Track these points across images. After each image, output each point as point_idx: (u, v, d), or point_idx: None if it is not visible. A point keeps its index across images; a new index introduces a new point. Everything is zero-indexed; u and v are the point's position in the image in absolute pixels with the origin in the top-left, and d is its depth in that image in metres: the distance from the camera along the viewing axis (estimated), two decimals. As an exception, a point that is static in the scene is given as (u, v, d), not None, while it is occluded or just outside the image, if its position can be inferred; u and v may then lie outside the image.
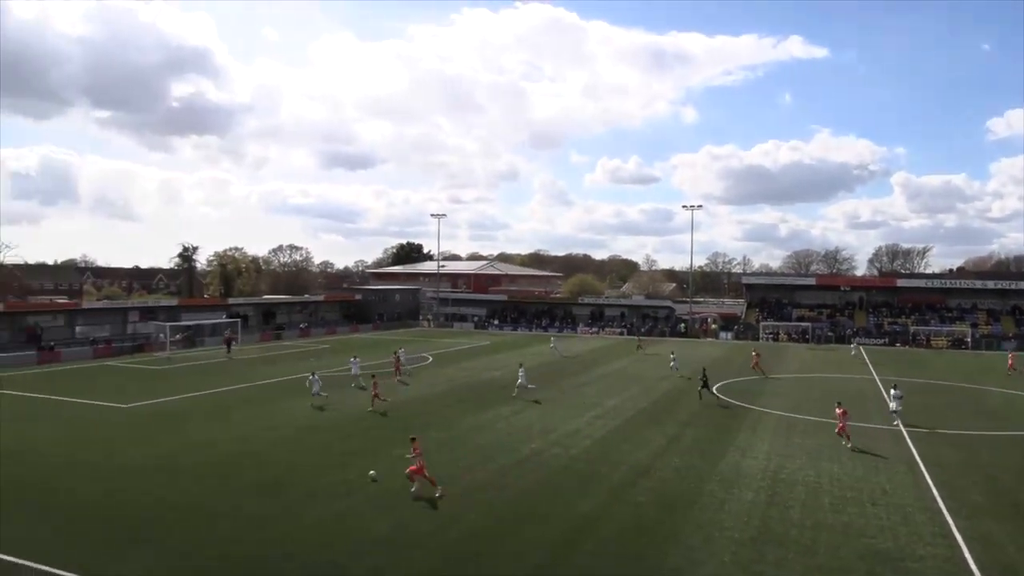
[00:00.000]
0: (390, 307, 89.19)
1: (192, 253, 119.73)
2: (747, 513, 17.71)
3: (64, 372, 44.26)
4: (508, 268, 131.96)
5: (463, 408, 31.84)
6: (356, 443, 24.94)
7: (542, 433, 26.71)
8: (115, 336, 57.88)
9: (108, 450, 23.76)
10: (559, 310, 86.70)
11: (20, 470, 21.36)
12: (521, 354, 55.64)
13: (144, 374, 43.47)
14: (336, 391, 36.00)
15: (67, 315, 57.34)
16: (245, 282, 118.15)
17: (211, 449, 24.03)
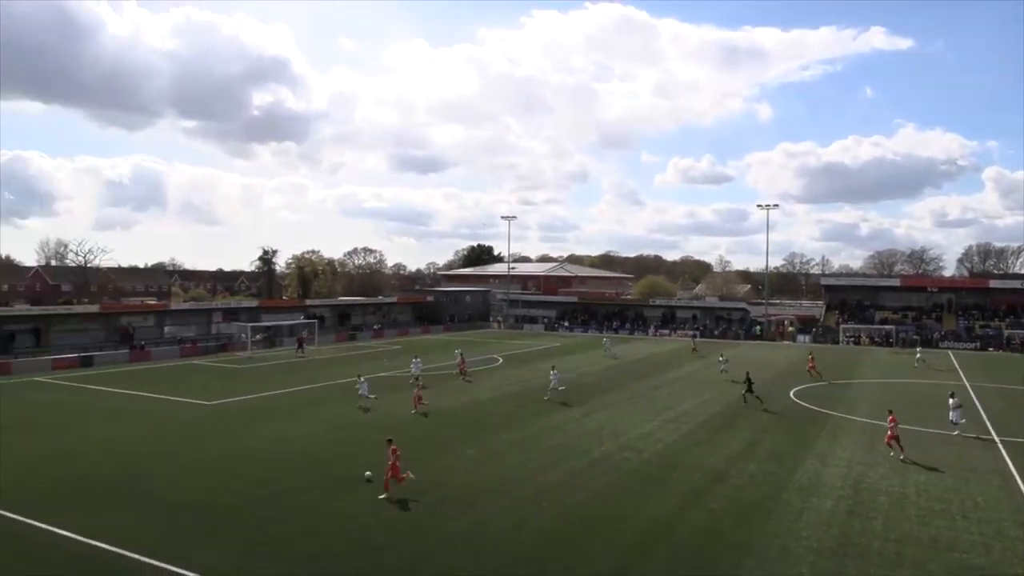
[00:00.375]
0: (461, 309, 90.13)
1: (272, 256, 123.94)
2: (826, 523, 17.14)
3: (153, 370, 46.56)
4: (578, 269, 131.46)
5: (534, 409, 31.90)
6: (426, 444, 25.33)
7: (613, 436, 26.51)
8: (200, 336, 60.50)
9: (194, 445, 24.90)
10: (630, 312, 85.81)
11: (114, 462, 22.61)
12: (587, 357, 55.33)
13: (227, 373, 45.29)
14: (403, 392, 36.66)
15: (157, 316, 60.31)
16: (322, 284, 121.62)
17: (289, 445, 24.85)
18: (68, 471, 21.46)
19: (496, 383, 40.35)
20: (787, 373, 46.03)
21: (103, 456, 23.43)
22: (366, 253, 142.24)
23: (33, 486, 19.91)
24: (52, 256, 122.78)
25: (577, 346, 64.40)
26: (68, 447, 24.59)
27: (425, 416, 30.37)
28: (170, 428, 27.93)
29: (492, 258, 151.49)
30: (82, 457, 23.20)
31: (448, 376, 42.84)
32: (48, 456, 23.34)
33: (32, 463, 22.43)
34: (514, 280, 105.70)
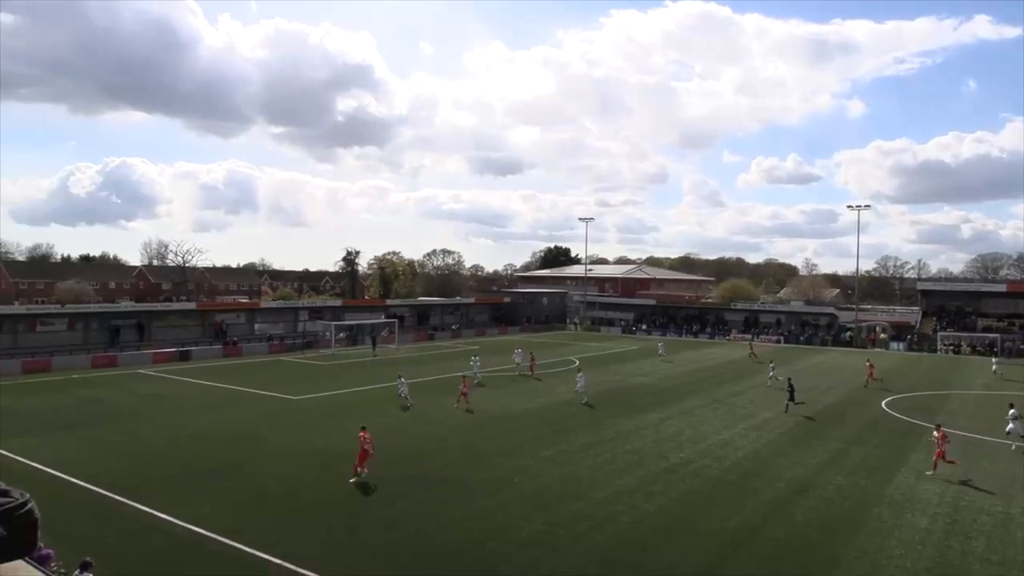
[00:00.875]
0: (537, 310, 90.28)
1: (355, 257, 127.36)
2: (921, 541, 16.28)
3: (244, 365, 48.60)
4: (657, 272, 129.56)
5: (611, 412, 31.65)
6: (502, 443, 25.49)
7: (692, 442, 26.01)
8: (287, 333, 62.81)
9: (280, 437, 25.88)
10: (710, 315, 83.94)
11: (209, 451, 23.77)
12: (669, 360, 54.45)
13: (312, 369, 46.83)
14: (480, 391, 36.99)
15: (248, 314, 63.02)
16: (402, 284, 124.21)
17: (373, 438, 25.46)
18: (170, 459, 22.67)
19: (572, 386, 40.23)
20: (879, 382, 44.03)
21: (200, 445, 24.65)
22: (445, 254, 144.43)
23: (141, 473, 21.15)
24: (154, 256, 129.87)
25: (655, 349, 63.49)
26: (170, 436, 25.99)
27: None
28: (259, 421, 29.11)
29: (569, 260, 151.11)
30: (182, 446, 24.48)
31: (523, 377, 43.00)
32: (153, 444, 24.74)
33: (140, 451, 23.82)
34: (591, 282, 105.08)
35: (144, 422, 28.65)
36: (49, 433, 26.28)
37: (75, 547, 13.32)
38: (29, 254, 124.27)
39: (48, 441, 24.94)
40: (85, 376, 41.93)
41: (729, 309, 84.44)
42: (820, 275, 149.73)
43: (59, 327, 50.93)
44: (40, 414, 30.02)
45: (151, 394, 35.86)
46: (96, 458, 22.70)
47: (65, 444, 24.54)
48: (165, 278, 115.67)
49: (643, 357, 56.52)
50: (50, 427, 27.32)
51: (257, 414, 30.54)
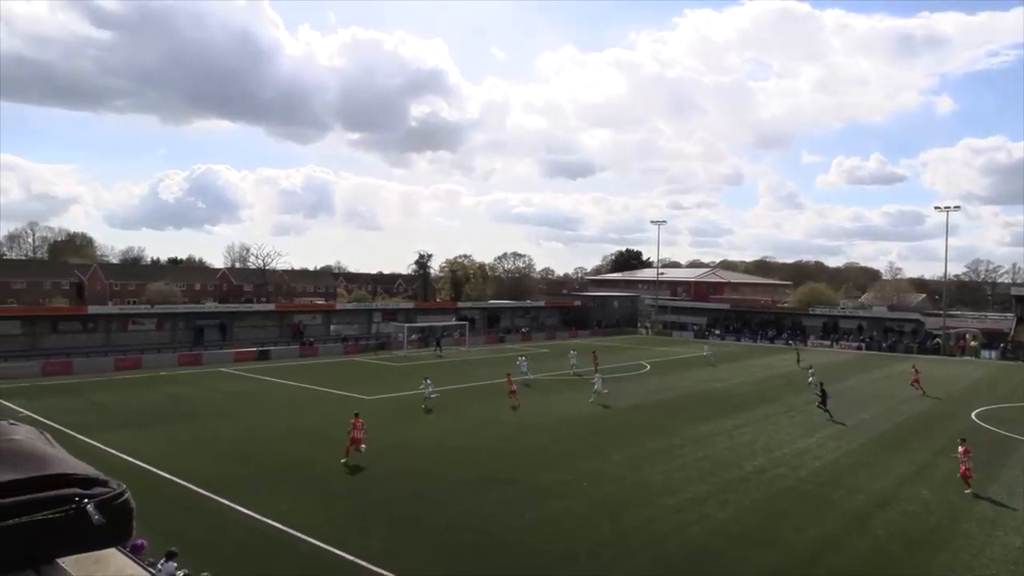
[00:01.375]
0: (608, 314, 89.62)
1: (427, 260, 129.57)
2: (1015, 561, 15.38)
3: (320, 365, 50.04)
4: (731, 276, 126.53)
5: (682, 418, 31.15)
6: (569, 445, 25.42)
7: (766, 450, 25.33)
8: (362, 334, 64.31)
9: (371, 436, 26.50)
10: (786, 320, 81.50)
11: (288, 448, 24.61)
12: (744, 366, 53.16)
13: (385, 370, 47.82)
14: (552, 393, 36.99)
15: (324, 315, 64.89)
16: (473, 287, 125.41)
17: (441, 440, 25.88)
18: (250, 456, 23.58)
19: (643, 390, 39.78)
20: (969, 392, 41.84)
21: (278, 442, 25.55)
22: (515, 257, 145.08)
23: (224, 468, 22.09)
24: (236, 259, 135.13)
25: (729, 355, 62.06)
26: (250, 433, 27.04)
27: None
28: (334, 420, 29.90)
29: (641, 263, 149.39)
30: (261, 443, 25.43)
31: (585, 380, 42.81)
32: (234, 441, 25.80)
33: (222, 447, 24.88)
34: (663, 286, 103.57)
35: (226, 419, 29.88)
36: (139, 428, 27.71)
37: (162, 538, 14.02)
38: (122, 257, 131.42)
39: (138, 435, 26.30)
40: (172, 374, 44.03)
41: (807, 314, 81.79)
42: (905, 279, 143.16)
43: (148, 326, 53.63)
44: (130, 410, 31.69)
45: (233, 392, 37.35)
46: (182, 453, 23.81)
47: (153, 439, 25.82)
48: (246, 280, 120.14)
49: (717, 362, 55.35)
50: (139, 423, 28.80)
51: (332, 413, 31.38)
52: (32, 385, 38.26)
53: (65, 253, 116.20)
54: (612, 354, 58.34)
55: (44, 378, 41.31)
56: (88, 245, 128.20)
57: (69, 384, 39.25)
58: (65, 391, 36.82)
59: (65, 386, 38.49)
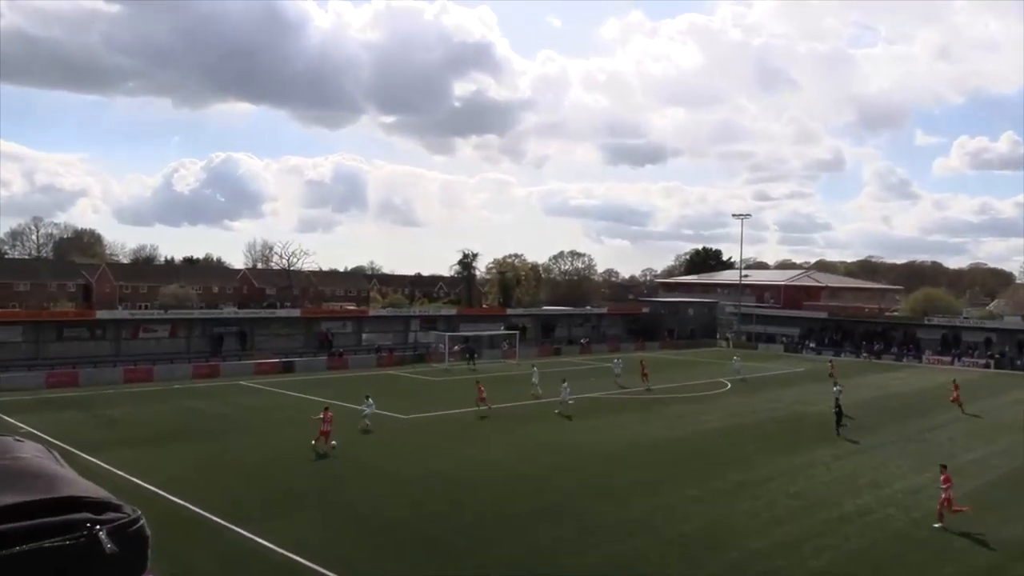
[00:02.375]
0: (682, 322, 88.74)
1: (472, 260, 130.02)
2: None
3: (350, 379, 50.74)
4: (828, 279, 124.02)
5: (770, 447, 30.59)
6: (638, 474, 25.20)
7: (872, 487, 24.67)
8: (397, 344, 65.10)
9: (389, 460, 26.82)
10: (897, 332, 79.38)
11: (315, 473, 25.04)
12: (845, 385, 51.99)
13: (424, 385, 48.27)
14: (606, 415, 36.76)
15: (355, 322, 65.91)
16: (524, 291, 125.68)
17: (491, 467, 25.98)
18: (270, 477, 24.08)
19: (723, 412, 39.20)
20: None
21: (302, 464, 26.02)
22: (573, 257, 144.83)
23: (241, 491, 22.59)
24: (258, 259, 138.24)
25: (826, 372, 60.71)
26: (271, 453, 27.60)
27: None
28: (367, 441, 30.31)
29: (720, 264, 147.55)
30: (283, 464, 25.94)
31: (667, 399, 42.33)
32: (254, 461, 26.37)
33: (240, 468, 25.47)
34: (747, 290, 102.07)
35: (246, 438, 30.55)
36: (149, 446, 28.54)
37: (171, 570, 14.36)
38: (133, 255, 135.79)
39: (148, 454, 27.09)
40: (186, 387, 45.25)
41: (922, 325, 79.53)
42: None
43: (161, 334, 55.25)
44: (140, 426, 32.67)
45: (253, 407, 38.18)
46: (197, 475, 24.42)
47: (165, 458, 26.56)
48: (269, 282, 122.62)
49: (811, 380, 54.21)
50: (150, 440, 29.65)
51: (373, 436, 31.75)
52: (34, 398, 39.78)
53: (71, 252, 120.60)
54: (685, 370, 57.68)
55: (48, 390, 42.92)
56: (96, 243, 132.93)
57: (74, 397, 40.70)
58: (70, 404, 38.19)
59: (70, 399, 39.93)
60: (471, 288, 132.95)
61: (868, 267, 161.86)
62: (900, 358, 73.75)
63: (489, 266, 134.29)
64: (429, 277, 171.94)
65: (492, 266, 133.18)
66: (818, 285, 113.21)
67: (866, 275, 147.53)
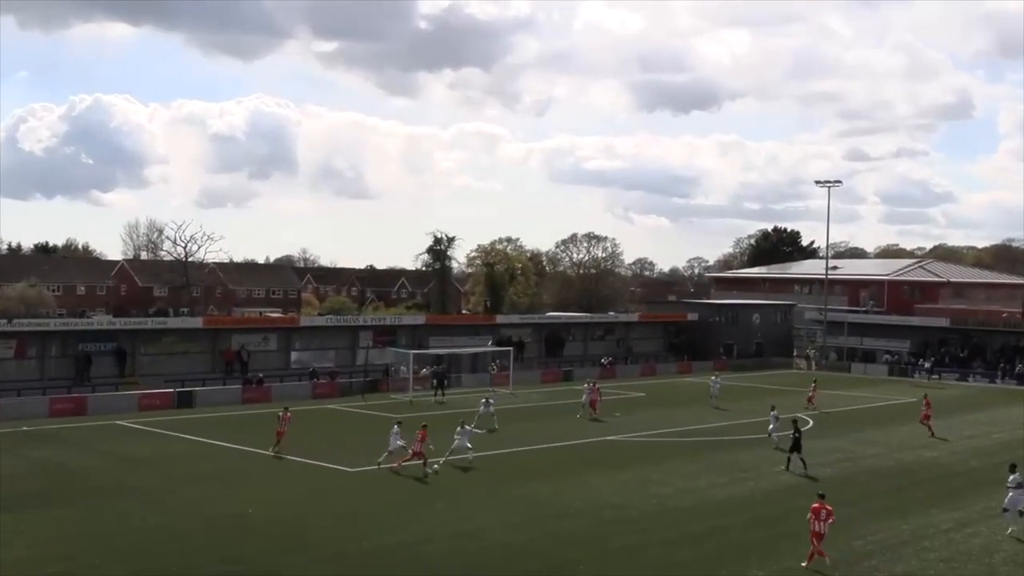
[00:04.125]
0: (744, 335, 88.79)
1: (446, 247, 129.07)
2: None
3: (273, 415, 50.35)
4: (952, 271, 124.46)
5: (869, 508, 30.81)
6: (688, 552, 25.29)
7: (1016, 563, 24.94)
8: (342, 367, 64.90)
9: (333, 532, 26.80)
10: (1047, 347, 79.74)
11: (226, 551, 24.98)
12: (970, 422, 52.12)
13: (379, 424, 48.04)
14: (641, 464, 36.88)
15: (281, 335, 65.59)
16: (521, 291, 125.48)
17: (476, 540, 26.11)
18: (171, 559, 23.89)
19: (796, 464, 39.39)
20: None
21: (212, 538, 25.97)
22: (591, 242, 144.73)
23: (114, 576, 22.47)
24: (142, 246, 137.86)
25: (951, 402, 60.90)
26: (167, 524, 27.40)
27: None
28: (301, 505, 30.23)
29: (799, 251, 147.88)
30: (184, 539, 25.79)
31: (722, 442, 42.42)
32: (142, 536, 26.16)
33: (122, 546, 25.24)
34: (837, 288, 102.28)
35: (126, 502, 30.33)
36: (-9, 513, 28.30)
37: None
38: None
39: (-11, 525, 26.86)
40: (41, 428, 44.83)
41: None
42: None
43: (3, 353, 54.57)
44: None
45: (137, 458, 37.96)
46: (54, 556, 24.26)
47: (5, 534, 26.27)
48: (158, 279, 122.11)
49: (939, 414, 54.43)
50: (-8, 504, 29.43)
51: (295, 493, 31.68)
52: None
53: None
54: (750, 400, 57.68)
55: None
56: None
57: None
58: None
59: None
60: (445, 287, 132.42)
61: (1008, 255, 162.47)
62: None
63: (471, 255, 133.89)
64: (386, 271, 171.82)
65: (475, 255, 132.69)
66: (937, 281, 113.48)
67: (1005, 267, 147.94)
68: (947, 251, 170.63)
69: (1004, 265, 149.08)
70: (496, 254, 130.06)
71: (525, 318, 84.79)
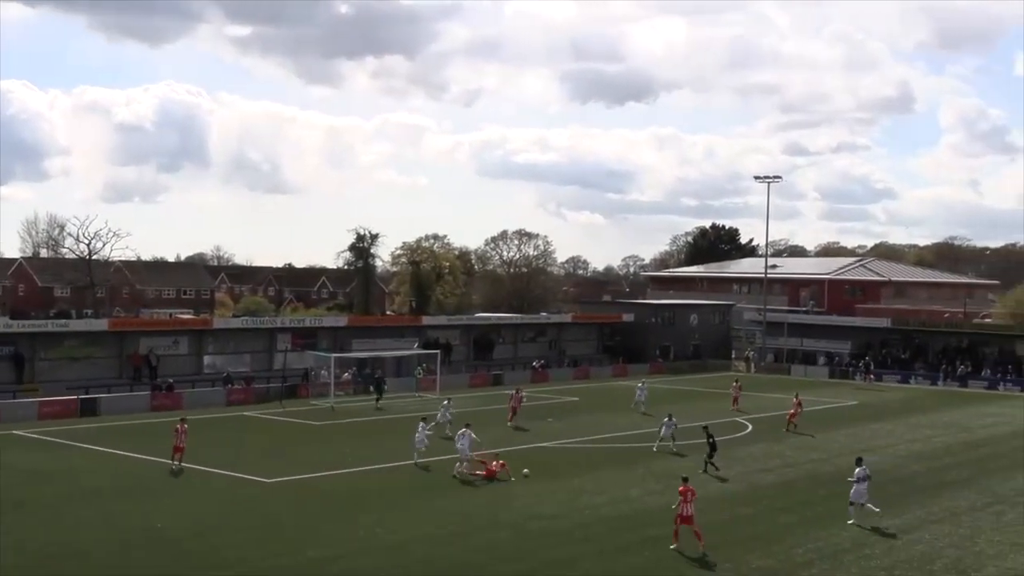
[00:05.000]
0: (681, 336, 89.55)
1: (370, 245, 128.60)
2: None
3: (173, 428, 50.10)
4: (893, 270, 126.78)
5: (808, 515, 31.31)
6: (609, 561, 25.45)
7: (958, 570, 25.47)
8: (258, 371, 64.51)
9: (250, 546, 26.59)
10: (990, 347, 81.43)
11: (129, 568, 24.60)
12: (913, 425, 53.18)
13: (297, 432, 47.83)
14: (575, 473, 37.02)
15: (192, 338, 65.00)
16: (448, 290, 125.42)
17: (399, 555, 25.97)
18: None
19: (739, 466, 39.77)
20: None
21: (117, 560, 25.44)
22: (522, 240, 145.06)
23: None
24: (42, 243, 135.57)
25: (893, 406, 62.06)
26: (69, 542, 26.93)
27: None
28: (215, 518, 29.98)
29: (737, 249, 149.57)
30: (86, 561, 25.33)
31: (658, 450, 42.79)
32: (42, 557, 25.69)
33: (21, 568, 24.78)
34: (776, 288, 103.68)
35: (26, 517, 29.79)
36: None
37: None
38: None
39: None
40: (-68, 439, 44.00)
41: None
42: None
43: None
44: None
45: (37, 471, 37.26)
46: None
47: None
48: (59, 278, 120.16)
49: (868, 419, 55.33)
50: None
51: (210, 506, 31.40)
52: None
53: None
54: (687, 404, 58.17)
55: None
56: None
57: None
58: None
59: None
60: (369, 286, 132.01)
61: (949, 253, 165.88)
62: (994, 385, 75.67)
63: (396, 253, 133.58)
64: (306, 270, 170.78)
65: (401, 253, 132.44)
66: (878, 280, 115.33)
67: (947, 265, 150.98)
68: (888, 249, 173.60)
69: (946, 264, 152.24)
70: (422, 252, 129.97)
71: (453, 319, 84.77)
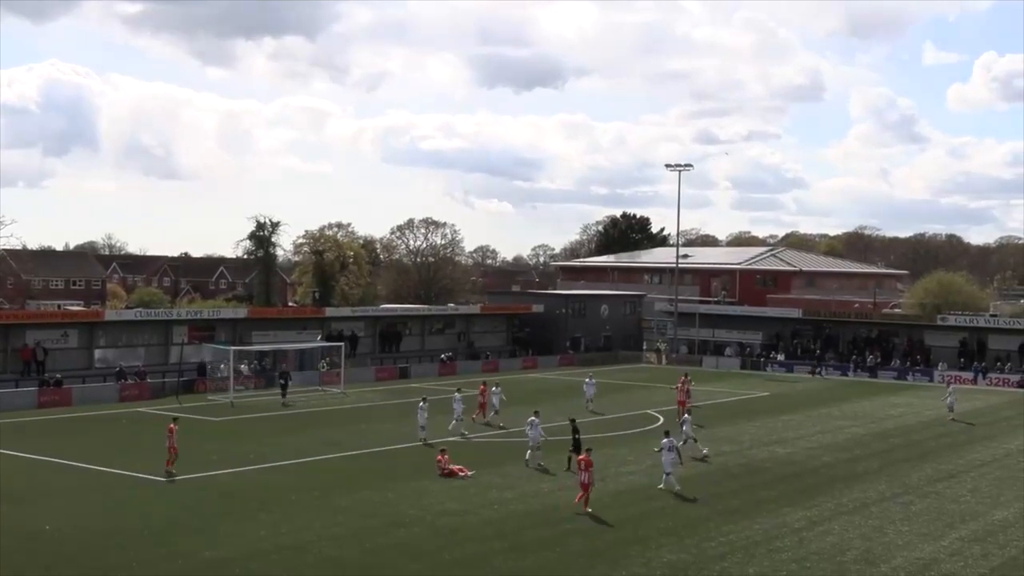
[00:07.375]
0: (592, 327, 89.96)
1: (270, 233, 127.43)
2: None
3: (75, 420, 49.00)
4: (803, 260, 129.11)
5: (720, 509, 31.66)
6: (517, 557, 25.51)
7: (865, 562, 25.91)
8: (153, 365, 63.37)
9: (146, 546, 26.12)
10: (899, 337, 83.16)
11: (28, 570, 24.02)
12: (824, 417, 54.09)
13: (196, 428, 47.11)
14: (485, 468, 37.09)
15: (82, 331, 63.54)
16: (353, 281, 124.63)
17: (302, 554, 25.77)
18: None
19: (652, 460, 40.11)
20: None
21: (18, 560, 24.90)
22: (428, 228, 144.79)
23: None
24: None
25: (803, 397, 63.10)
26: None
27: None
28: (108, 520, 29.35)
29: (648, 238, 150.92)
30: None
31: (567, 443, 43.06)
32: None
33: None
34: (687, 278, 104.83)
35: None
36: None
37: None
38: None
39: None
40: None
41: (933, 326, 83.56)
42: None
43: None
44: None
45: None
46: None
47: None
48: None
49: (779, 411, 56.19)
50: None
51: (103, 507, 30.82)
52: None
53: None
54: (599, 397, 58.51)
55: None
56: None
57: None
58: None
59: None
60: (269, 276, 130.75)
61: (859, 243, 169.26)
62: (904, 375, 77.40)
63: (298, 242, 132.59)
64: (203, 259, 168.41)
65: (303, 242, 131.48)
66: (788, 270, 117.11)
67: (856, 255, 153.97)
68: (799, 239, 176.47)
69: (856, 254, 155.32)
70: (325, 241, 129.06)
71: (357, 311, 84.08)
